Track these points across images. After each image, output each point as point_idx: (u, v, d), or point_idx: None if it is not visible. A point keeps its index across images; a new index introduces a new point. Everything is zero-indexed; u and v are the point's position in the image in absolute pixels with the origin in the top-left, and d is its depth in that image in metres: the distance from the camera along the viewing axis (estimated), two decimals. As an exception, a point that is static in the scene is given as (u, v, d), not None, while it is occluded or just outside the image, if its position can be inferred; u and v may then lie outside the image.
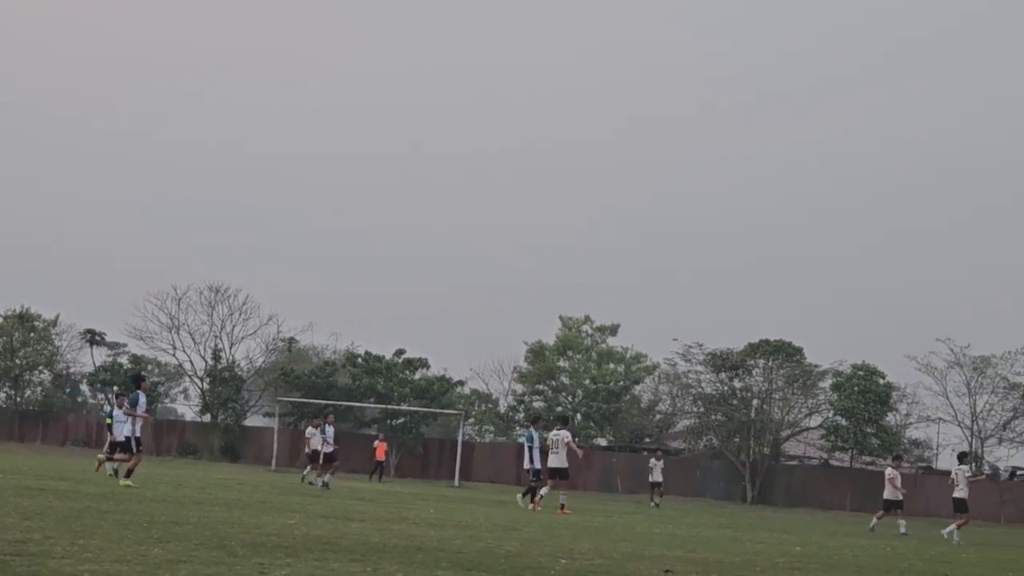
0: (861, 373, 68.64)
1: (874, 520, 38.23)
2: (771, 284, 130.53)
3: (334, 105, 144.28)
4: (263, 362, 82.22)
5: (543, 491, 35.03)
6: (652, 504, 48.52)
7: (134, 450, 29.84)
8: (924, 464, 78.37)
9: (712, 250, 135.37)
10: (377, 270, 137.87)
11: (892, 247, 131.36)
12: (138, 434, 29.74)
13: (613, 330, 77.07)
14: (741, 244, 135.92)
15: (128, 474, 28.83)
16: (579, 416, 74.54)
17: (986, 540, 36.70)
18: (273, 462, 68.55)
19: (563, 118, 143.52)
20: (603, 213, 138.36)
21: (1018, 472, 73.00)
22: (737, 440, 70.42)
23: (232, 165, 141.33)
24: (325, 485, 39.94)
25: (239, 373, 79.53)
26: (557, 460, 35.17)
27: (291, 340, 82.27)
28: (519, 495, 36.28)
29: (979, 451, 69.21)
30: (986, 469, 68.27)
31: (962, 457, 38.63)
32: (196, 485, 32.58)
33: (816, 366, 71.08)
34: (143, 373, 39.30)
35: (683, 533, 26.02)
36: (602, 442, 74.67)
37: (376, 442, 60.95)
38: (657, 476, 51.21)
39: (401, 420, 73.68)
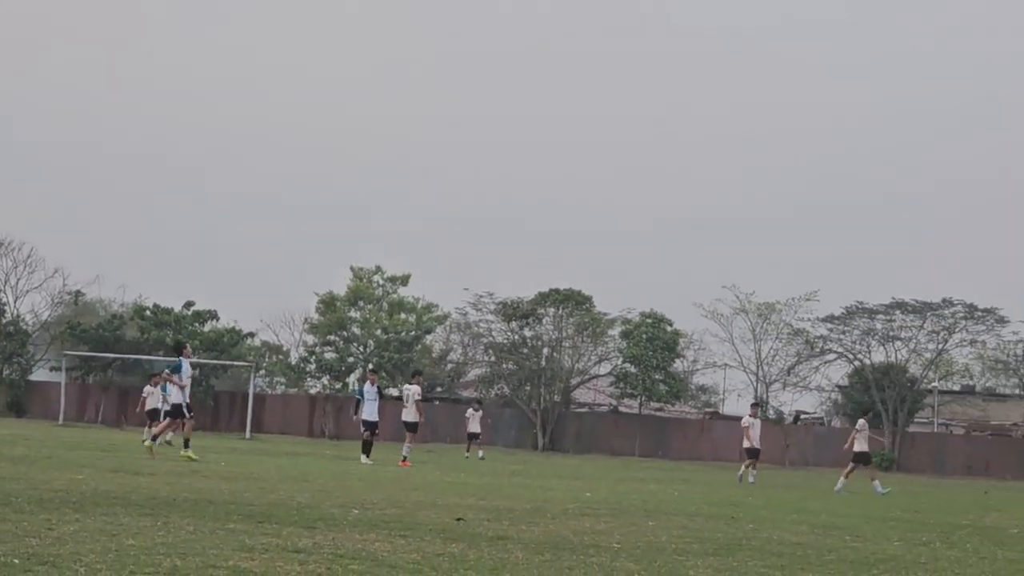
0: (649, 321, 69.55)
1: (742, 469, 38.26)
2: (559, 233, 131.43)
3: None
4: (49, 316, 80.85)
5: (405, 448, 35.52)
6: (467, 455, 48.09)
7: (187, 415, 29.99)
8: (711, 410, 79.90)
9: (498, 198, 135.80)
10: (164, 220, 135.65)
11: (677, 197, 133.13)
12: (188, 400, 29.89)
13: (404, 280, 76.95)
14: (525, 193, 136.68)
15: (186, 443, 29.04)
16: (371, 366, 74.50)
17: (771, 483, 37.51)
18: (60, 417, 67.60)
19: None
20: (392, 159, 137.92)
21: (802, 416, 74.78)
22: (528, 388, 70.98)
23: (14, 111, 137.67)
24: (153, 439, 39.82)
25: (24, 327, 78.06)
26: (407, 414, 35.62)
27: (78, 293, 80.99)
28: (362, 456, 35.21)
29: (764, 396, 70.72)
30: (771, 414, 69.83)
31: (864, 412, 38.99)
32: (-20, 442, 32.00)
33: (605, 314, 71.89)
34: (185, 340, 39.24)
35: (475, 481, 26.19)
36: (394, 392, 74.71)
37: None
38: (474, 427, 50.73)
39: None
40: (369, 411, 35.70)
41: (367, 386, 36.43)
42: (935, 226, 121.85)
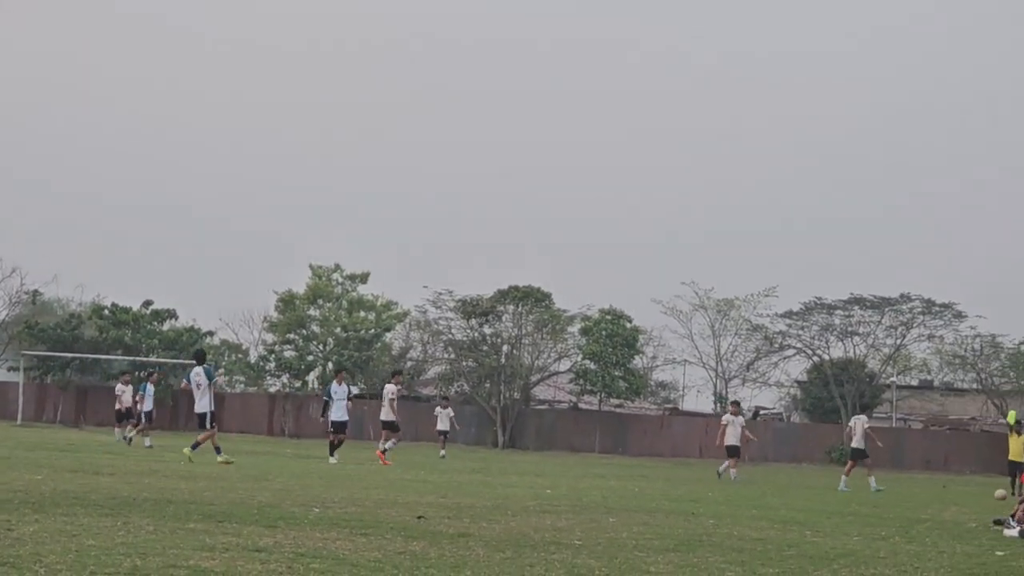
0: (609, 317, 69.64)
1: (731, 468, 38.12)
2: (516, 230, 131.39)
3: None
4: (6, 315, 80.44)
5: (388, 444, 35.72)
6: (441, 454, 47.42)
7: (208, 425, 30.04)
8: (670, 406, 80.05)
9: (455, 198, 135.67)
10: (122, 219, 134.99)
11: (639, 192, 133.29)
12: (214, 408, 30.21)
13: (364, 278, 76.85)
14: (480, 192, 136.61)
15: (196, 447, 29.22)
16: (331, 365, 74.44)
17: (731, 479, 37.58)
18: (18, 417, 67.27)
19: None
20: (344, 160, 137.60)
21: (761, 412, 75.05)
22: (488, 385, 70.97)
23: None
24: (128, 440, 40.18)
25: (-20, 327, 77.77)
26: (384, 414, 35.76)
27: (35, 293, 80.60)
28: (330, 457, 34.33)
29: (723, 392, 70.94)
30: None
31: (864, 408, 38.59)
32: (-63, 442, 31.86)
33: (564, 311, 71.91)
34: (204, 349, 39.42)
35: (435, 479, 26.22)
36: (354, 390, 74.58)
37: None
38: (443, 424, 49.91)
39: (148, 372, 72.71)
40: (337, 411, 35.33)
41: (334, 385, 35.98)
42: (893, 223, 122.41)
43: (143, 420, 43.53)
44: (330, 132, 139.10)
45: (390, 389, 36.52)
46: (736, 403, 42.07)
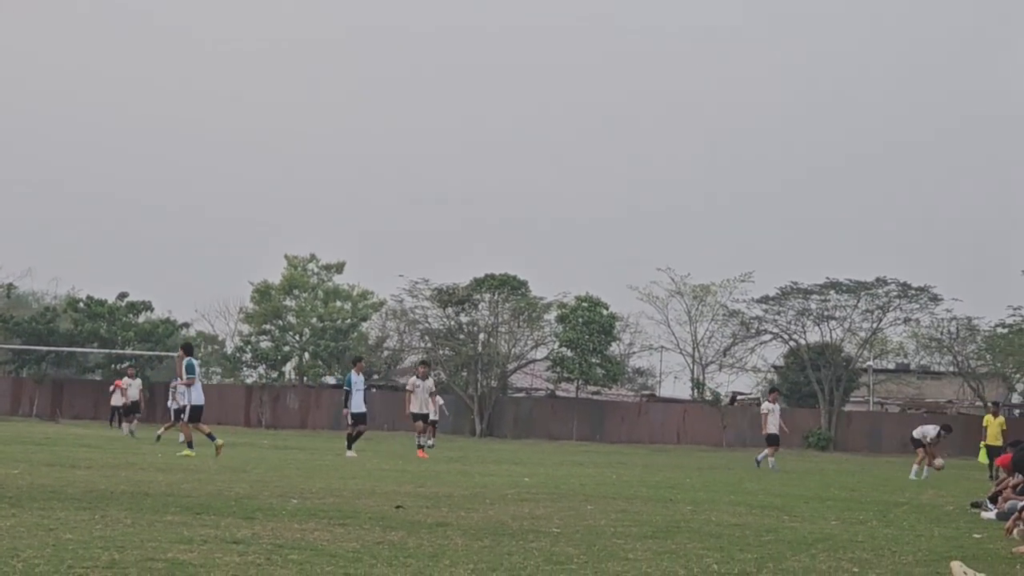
0: (585, 305, 69.66)
1: (765, 454, 38.03)
2: (492, 218, 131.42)
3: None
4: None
5: (422, 440, 36.39)
6: (428, 444, 46.49)
7: (185, 418, 31.14)
8: (648, 392, 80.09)
9: (427, 185, 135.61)
10: (97, 212, 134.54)
11: (611, 179, 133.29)
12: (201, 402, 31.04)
13: (339, 268, 76.81)
14: (457, 179, 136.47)
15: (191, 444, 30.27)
16: (307, 355, 74.38)
17: (709, 464, 37.63)
18: (-8, 411, 67.26)
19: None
20: (322, 146, 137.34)
21: (739, 397, 75.13)
22: (465, 374, 70.94)
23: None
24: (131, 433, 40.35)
25: (-45, 321, 77.49)
26: (414, 406, 35.99)
27: (9, 286, 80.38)
28: (348, 451, 33.52)
29: (701, 377, 70.98)
30: (707, 395, 70.02)
31: (946, 428, 37.30)
32: (-87, 437, 31.71)
33: (541, 298, 71.91)
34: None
35: (413, 468, 26.18)
36: (331, 380, 74.47)
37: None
38: (433, 413, 48.65)
39: (126, 364, 72.61)
40: (357, 402, 33.68)
41: (353, 375, 34.10)
42: (859, 205, 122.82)
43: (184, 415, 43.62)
44: (302, 121, 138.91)
45: (412, 381, 36.32)
46: (775, 390, 42.05)
